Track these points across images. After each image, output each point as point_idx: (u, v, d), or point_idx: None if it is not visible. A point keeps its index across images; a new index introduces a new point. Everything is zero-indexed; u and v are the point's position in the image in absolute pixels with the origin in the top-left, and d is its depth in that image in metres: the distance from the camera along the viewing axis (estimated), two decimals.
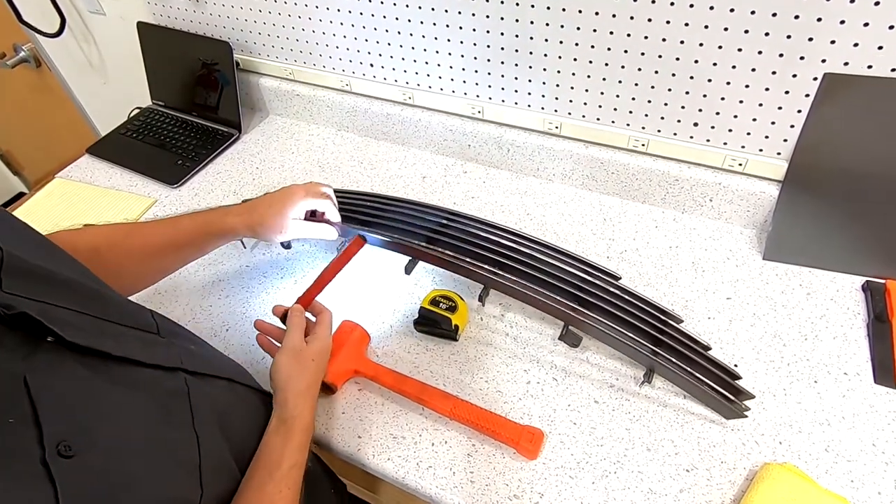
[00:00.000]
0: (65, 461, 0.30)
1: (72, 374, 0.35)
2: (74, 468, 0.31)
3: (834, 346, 0.71)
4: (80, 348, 0.36)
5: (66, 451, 0.31)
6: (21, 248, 0.38)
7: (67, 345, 0.35)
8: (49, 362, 0.34)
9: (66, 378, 0.34)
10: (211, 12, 1.12)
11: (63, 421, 0.32)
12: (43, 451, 0.30)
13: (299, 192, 0.72)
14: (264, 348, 0.68)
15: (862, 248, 0.77)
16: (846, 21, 0.64)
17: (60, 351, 0.35)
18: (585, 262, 0.75)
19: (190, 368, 0.47)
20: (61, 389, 0.34)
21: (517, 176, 1.00)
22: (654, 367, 0.67)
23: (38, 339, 0.34)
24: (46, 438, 0.30)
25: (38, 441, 0.30)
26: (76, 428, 0.32)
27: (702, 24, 0.71)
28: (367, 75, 1.06)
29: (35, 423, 0.30)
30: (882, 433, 0.63)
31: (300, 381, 0.59)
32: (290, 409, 0.56)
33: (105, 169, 1.14)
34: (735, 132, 0.80)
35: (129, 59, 1.33)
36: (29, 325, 0.34)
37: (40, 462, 0.29)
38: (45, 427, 0.30)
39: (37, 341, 0.34)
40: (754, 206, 0.83)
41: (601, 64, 0.82)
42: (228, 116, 1.17)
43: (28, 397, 0.31)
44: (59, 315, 0.36)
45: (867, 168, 0.72)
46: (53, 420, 0.31)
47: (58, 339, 0.35)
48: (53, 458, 0.30)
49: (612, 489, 0.61)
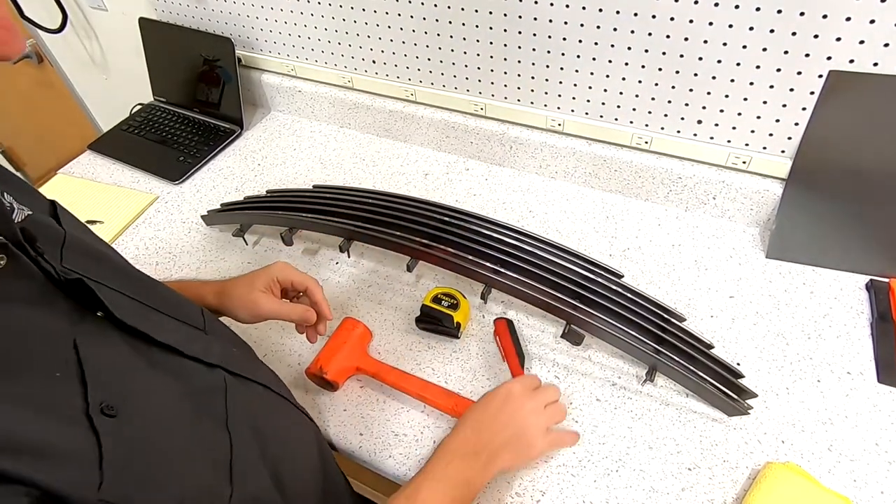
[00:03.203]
0: (107, 419, 0.31)
1: (116, 349, 0.37)
2: (116, 427, 0.31)
3: (837, 344, 0.71)
4: (126, 327, 0.38)
5: (109, 411, 0.31)
6: (80, 234, 0.41)
7: (114, 321, 0.37)
8: (96, 333, 0.35)
9: (110, 350, 0.36)
10: (213, 8, 1.12)
11: (107, 386, 0.33)
12: (87, 405, 0.30)
13: (277, 264, 0.65)
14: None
15: (866, 246, 0.76)
16: (852, 18, 0.63)
17: (106, 326, 0.37)
18: (588, 260, 0.75)
19: (230, 368, 0.46)
20: (106, 359, 0.35)
21: (519, 173, 1.00)
22: (656, 366, 0.67)
23: (89, 311, 0.36)
24: (91, 396, 0.31)
25: (83, 396, 0.31)
26: (118, 394, 0.33)
27: (706, 22, 0.71)
28: (369, 72, 1.05)
29: (81, 381, 0.31)
30: (885, 432, 0.62)
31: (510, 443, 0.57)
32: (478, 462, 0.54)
33: (107, 165, 1.13)
34: (739, 130, 0.79)
35: (130, 55, 1.32)
36: (82, 296, 0.35)
37: (84, 413, 0.30)
38: (90, 386, 0.31)
39: (86, 313, 0.36)
40: (758, 204, 0.83)
41: (604, 61, 0.81)
42: (230, 113, 1.17)
43: (76, 357, 0.32)
44: (110, 295, 0.38)
45: (872, 166, 0.72)
46: (98, 382, 0.32)
47: (107, 314, 0.37)
48: (96, 413, 0.30)
49: (614, 487, 0.60)
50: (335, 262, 0.88)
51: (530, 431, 0.58)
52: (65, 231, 0.39)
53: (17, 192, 0.39)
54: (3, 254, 0.31)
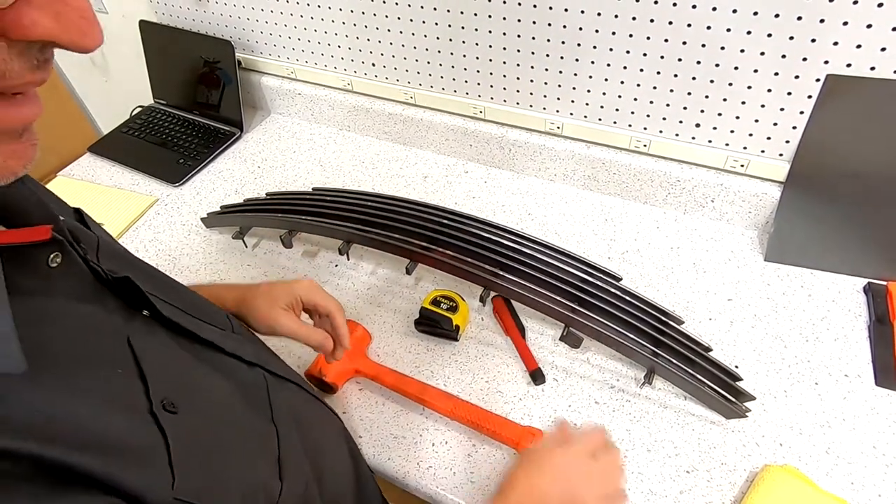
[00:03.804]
0: (170, 416, 0.31)
1: (166, 346, 0.37)
2: (179, 423, 0.31)
3: (835, 347, 0.71)
4: (172, 324, 0.38)
5: (171, 408, 0.31)
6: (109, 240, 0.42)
7: (161, 319, 0.37)
8: (145, 331, 0.36)
9: (161, 347, 0.36)
10: (213, 11, 1.12)
11: (165, 381, 0.33)
12: (150, 403, 0.30)
13: (303, 283, 0.61)
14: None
15: (864, 249, 0.77)
16: (849, 22, 0.64)
17: (153, 324, 0.37)
18: (586, 263, 0.75)
19: (267, 367, 0.47)
20: (159, 356, 0.35)
21: (518, 176, 1.00)
22: (654, 369, 0.67)
23: (135, 310, 0.36)
24: (153, 393, 0.31)
25: (146, 394, 0.31)
26: (176, 392, 0.33)
27: (704, 26, 0.71)
28: (368, 75, 1.05)
29: (141, 378, 0.31)
30: (883, 435, 0.63)
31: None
32: None
33: (107, 167, 1.14)
34: (737, 133, 0.80)
35: (131, 57, 1.33)
36: (128, 295, 0.35)
37: (148, 411, 0.30)
38: (150, 382, 0.31)
39: (134, 312, 0.36)
40: (756, 207, 0.83)
41: (603, 64, 0.81)
42: (230, 115, 1.17)
43: (132, 354, 0.32)
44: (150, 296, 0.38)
45: (869, 169, 0.72)
46: (157, 378, 0.32)
47: (153, 312, 0.37)
48: (160, 411, 0.30)
49: None
50: (334, 265, 0.88)
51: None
52: (97, 235, 0.39)
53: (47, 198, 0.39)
54: (59, 251, 0.31)
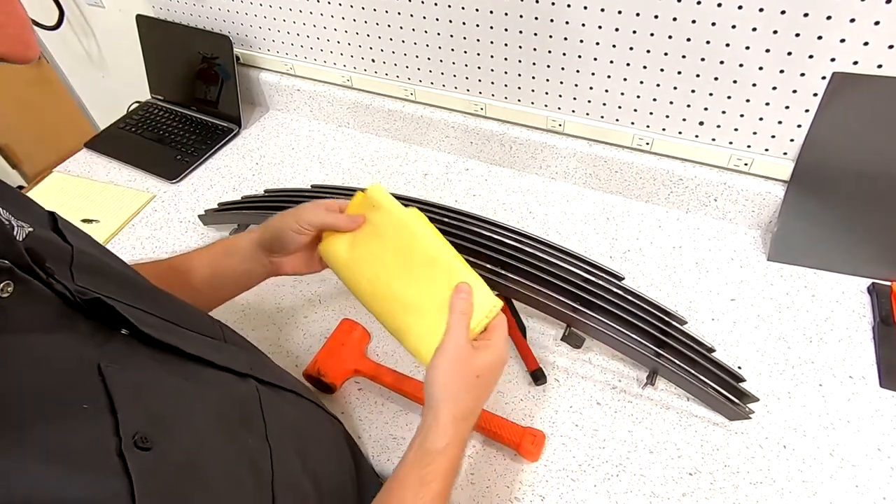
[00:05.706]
0: (142, 453, 0.29)
1: (146, 367, 0.34)
2: (151, 462, 0.29)
3: (839, 348, 0.70)
4: (154, 341, 0.35)
5: (143, 443, 0.29)
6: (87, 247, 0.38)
7: (141, 337, 0.35)
8: (123, 353, 0.33)
9: (140, 370, 0.34)
10: (211, 5, 1.11)
11: (140, 411, 0.31)
12: (119, 440, 0.28)
13: (321, 203, 0.61)
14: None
15: (868, 249, 0.76)
16: (856, 19, 0.63)
17: (133, 344, 0.35)
18: (588, 262, 0.74)
19: (260, 377, 0.45)
20: (137, 380, 0.33)
21: (520, 174, 1.00)
22: (657, 369, 0.66)
23: (112, 329, 0.34)
24: (123, 428, 0.29)
25: (115, 431, 0.28)
26: (153, 419, 0.31)
27: (709, 22, 0.70)
28: (368, 71, 1.04)
29: (111, 412, 0.29)
30: (887, 437, 0.62)
31: (459, 400, 0.47)
32: (439, 436, 0.45)
33: (103, 163, 1.13)
34: (741, 131, 0.79)
35: (128, 52, 1.31)
36: (103, 315, 0.33)
37: (116, 453, 0.28)
38: (121, 416, 0.29)
39: (110, 332, 0.34)
40: (759, 206, 0.83)
41: (606, 61, 0.81)
42: (228, 111, 1.16)
43: (103, 385, 0.30)
44: (130, 311, 0.36)
45: (875, 169, 0.71)
46: (130, 409, 0.30)
47: (132, 331, 0.34)
48: (130, 450, 0.28)
49: (615, 492, 0.60)
50: None
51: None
52: (71, 246, 0.36)
53: (13, 206, 0.35)
54: (10, 279, 0.28)
